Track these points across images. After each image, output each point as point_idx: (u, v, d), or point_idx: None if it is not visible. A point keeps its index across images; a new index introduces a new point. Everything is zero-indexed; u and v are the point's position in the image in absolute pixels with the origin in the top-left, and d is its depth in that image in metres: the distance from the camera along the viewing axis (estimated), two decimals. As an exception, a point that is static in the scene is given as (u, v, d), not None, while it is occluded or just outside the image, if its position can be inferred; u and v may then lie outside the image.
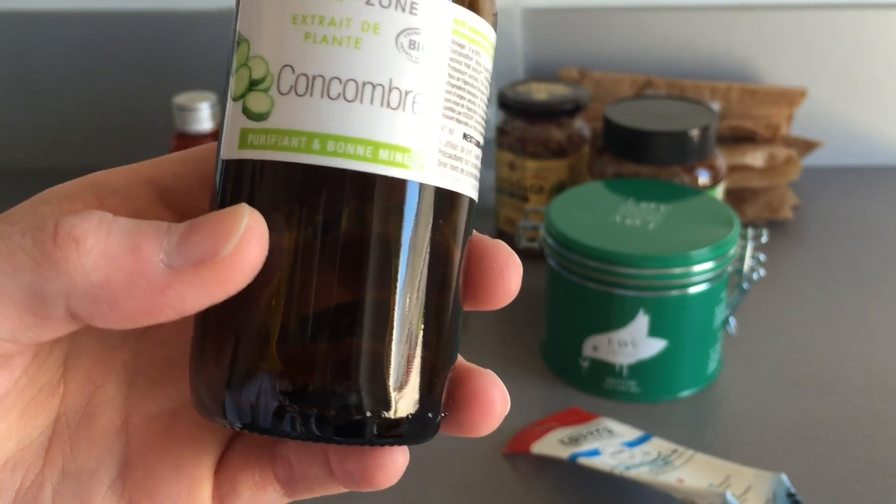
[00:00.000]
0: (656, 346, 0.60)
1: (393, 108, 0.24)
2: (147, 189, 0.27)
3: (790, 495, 0.50)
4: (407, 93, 0.24)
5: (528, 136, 0.77)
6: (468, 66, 0.25)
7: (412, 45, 0.24)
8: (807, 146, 0.89)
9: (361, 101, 0.24)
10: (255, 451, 0.27)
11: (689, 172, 0.72)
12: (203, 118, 0.78)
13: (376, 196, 0.24)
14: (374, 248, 0.24)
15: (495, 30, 0.27)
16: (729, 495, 0.48)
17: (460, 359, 0.27)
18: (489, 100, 0.27)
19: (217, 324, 0.25)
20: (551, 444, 0.56)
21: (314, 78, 0.24)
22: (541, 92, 0.78)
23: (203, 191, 0.27)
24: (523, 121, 0.77)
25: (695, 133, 0.71)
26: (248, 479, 0.28)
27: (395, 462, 0.26)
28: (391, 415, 0.24)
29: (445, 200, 0.25)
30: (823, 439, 0.58)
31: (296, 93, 0.24)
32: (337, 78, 0.24)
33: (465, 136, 0.26)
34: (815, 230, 0.84)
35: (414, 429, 0.25)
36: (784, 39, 0.92)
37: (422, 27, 0.24)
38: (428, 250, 0.25)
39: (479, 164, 0.27)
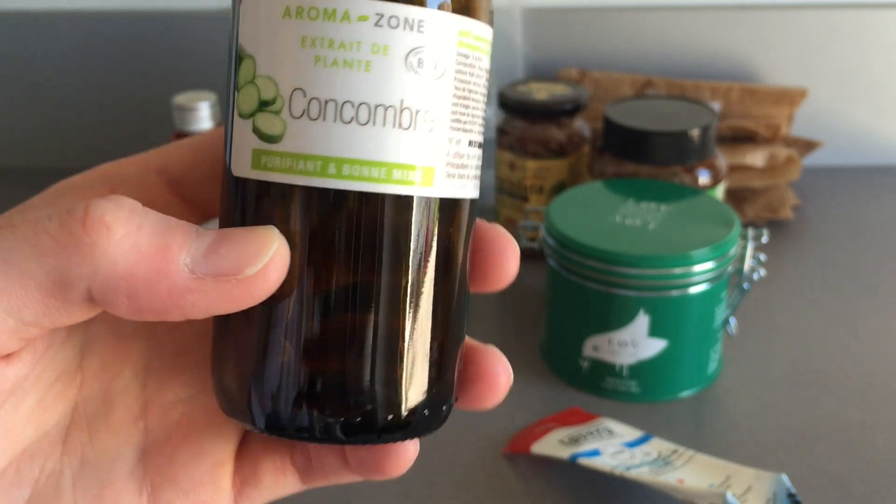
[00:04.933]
0: (656, 346, 0.60)
1: (404, 129, 0.24)
2: (158, 179, 0.27)
3: (790, 495, 0.50)
4: (417, 112, 0.25)
5: (528, 136, 0.77)
6: (472, 74, 0.26)
7: (420, 63, 0.24)
8: (807, 146, 0.89)
9: (374, 124, 0.24)
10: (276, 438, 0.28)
11: (689, 172, 0.72)
12: (203, 118, 0.78)
13: (390, 213, 0.25)
14: (386, 260, 0.25)
15: (492, 26, 0.27)
16: (729, 496, 0.48)
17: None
18: (489, 99, 0.28)
19: (237, 332, 0.26)
20: (551, 445, 0.56)
21: (326, 102, 0.24)
22: (541, 92, 0.78)
23: (212, 181, 0.28)
24: (523, 121, 0.77)
25: (695, 133, 0.71)
26: (270, 465, 0.28)
27: (407, 452, 0.27)
28: (404, 412, 0.25)
29: (452, 207, 0.26)
30: (823, 439, 0.58)
31: (308, 116, 0.24)
32: (349, 101, 0.24)
33: (470, 142, 0.26)
34: (815, 230, 0.84)
35: (426, 422, 0.26)
36: (784, 39, 0.92)
37: (429, 44, 0.24)
38: (436, 255, 0.26)
39: (479, 163, 0.28)
